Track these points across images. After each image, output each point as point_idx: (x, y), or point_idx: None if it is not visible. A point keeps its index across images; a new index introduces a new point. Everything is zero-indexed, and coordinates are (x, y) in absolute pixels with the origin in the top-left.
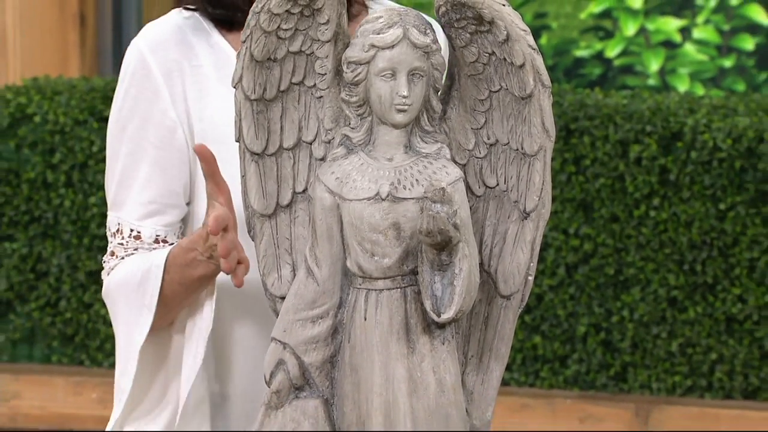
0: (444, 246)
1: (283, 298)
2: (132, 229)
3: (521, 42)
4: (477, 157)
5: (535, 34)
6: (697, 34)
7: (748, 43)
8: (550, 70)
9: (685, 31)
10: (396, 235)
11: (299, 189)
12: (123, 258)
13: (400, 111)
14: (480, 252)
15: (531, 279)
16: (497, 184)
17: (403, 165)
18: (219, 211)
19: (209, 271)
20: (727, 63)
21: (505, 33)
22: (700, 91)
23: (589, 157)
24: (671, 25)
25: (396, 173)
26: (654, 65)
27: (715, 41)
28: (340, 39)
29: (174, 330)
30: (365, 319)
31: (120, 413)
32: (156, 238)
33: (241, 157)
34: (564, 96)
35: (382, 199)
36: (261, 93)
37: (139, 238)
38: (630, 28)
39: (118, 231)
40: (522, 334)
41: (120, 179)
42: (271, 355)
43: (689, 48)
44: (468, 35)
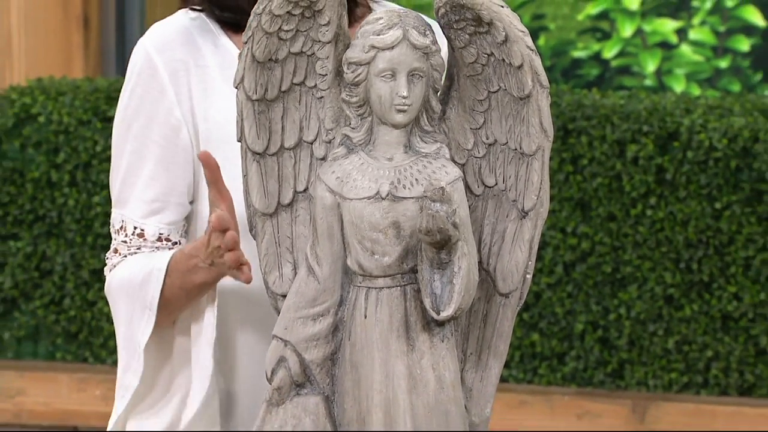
0: (443, 245)
1: (284, 296)
2: (135, 227)
3: (519, 43)
4: (476, 157)
5: (533, 35)
6: (693, 35)
7: (743, 44)
8: (548, 70)
9: (682, 33)
10: (396, 234)
11: (300, 188)
12: (125, 256)
13: (399, 111)
14: (479, 250)
15: (529, 277)
16: (496, 184)
17: (403, 164)
18: (220, 213)
19: (210, 278)
20: (723, 64)
21: (504, 34)
22: (696, 91)
23: (587, 156)
24: (667, 26)
25: (396, 173)
26: (651, 66)
27: (711, 42)
28: (341, 40)
29: (177, 328)
30: (365, 317)
31: (123, 409)
32: (159, 236)
33: (242, 157)
34: (562, 96)
35: (382, 199)
36: (262, 93)
37: (143, 235)
38: (627, 30)
39: (121, 228)
40: (520, 332)
41: (124, 177)
42: (272, 352)
43: (685, 49)
44: (467, 36)
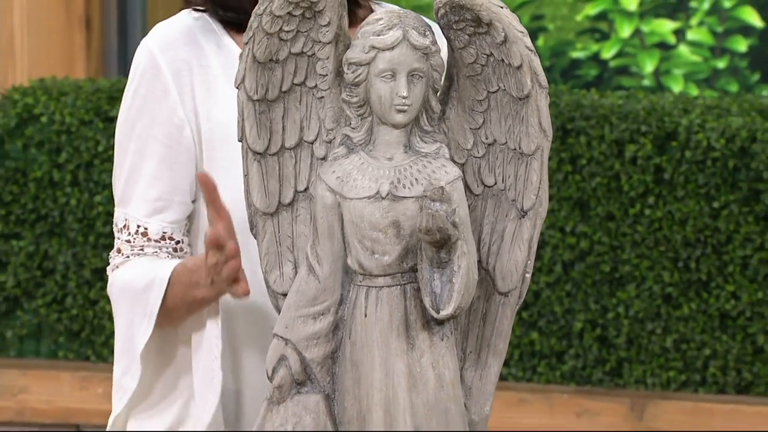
0: (443, 244)
1: (284, 295)
2: (139, 225)
3: (519, 43)
4: (475, 157)
5: (533, 36)
6: (691, 35)
7: (741, 44)
8: (547, 71)
9: (680, 33)
10: (396, 233)
11: (301, 188)
12: (128, 257)
13: (399, 111)
14: (478, 250)
15: (528, 276)
16: (495, 183)
17: (403, 164)
18: (216, 229)
19: (210, 295)
20: (721, 64)
21: (503, 35)
22: (694, 91)
23: (586, 156)
24: (666, 27)
25: (396, 172)
26: (649, 66)
27: (709, 43)
28: (341, 41)
29: (181, 329)
30: (366, 316)
31: (121, 410)
32: (163, 235)
33: (243, 157)
34: (561, 96)
35: (382, 198)
36: (263, 93)
37: (146, 234)
38: (625, 30)
39: (125, 227)
40: (519, 331)
41: (128, 176)
42: (273, 350)
43: (683, 49)
44: (466, 37)
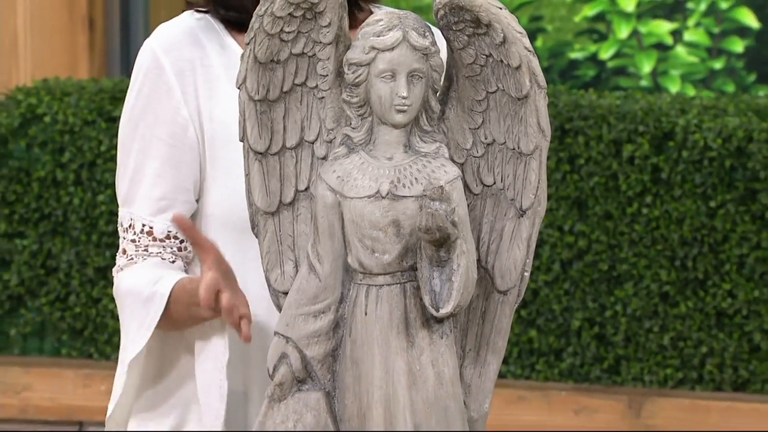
0: (442, 243)
1: (285, 294)
2: (144, 224)
3: (517, 44)
4: (474, 156)
5: (531, 37)
6: (688, 36)
7: (737, 45)
8: (546, 71)
9: (677, 34)
10: (396, 232)
11: (301, 187)
12: (132, 257)
13: (399, 111)
14: (477, 248)
15: (527, 275)
16: (494, 183)
17: (403, 164)
18: (207, 280)
19: (209, 315)
20: (717, 65)
21: (502, 35)
22: (691, 92)
23: (584, 156)
24: (663, 28)
25: (396, 172)
26: (646, 67)
27: (706, 44)
28: (342, 41)
29: (188, 333)
30: (366, 314)
31: (111, 412)
32: (168, 234)
33: (245, 156)
34: (559, 97)
35: (382, 197)
36: (264, 94)
37: (151, 233)
38: (623, 31)
39: (130, 227)
40: (518, 328)
41: (132, 176)
42: (274, 348)
43: (680, 50)
44: (466, 38)
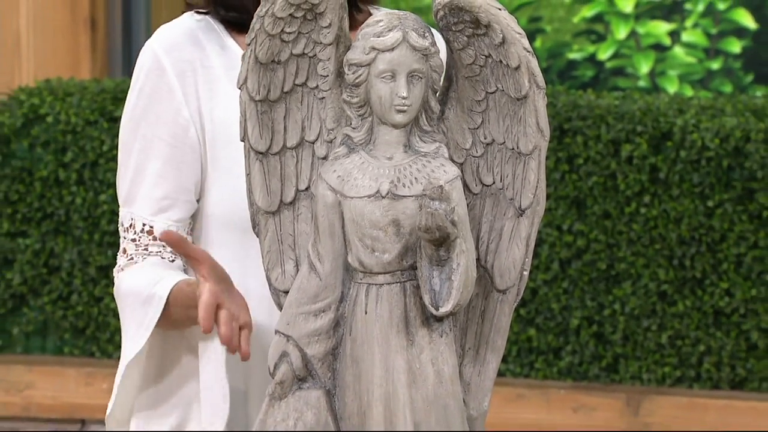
0: (442, 242)
1: (286, 293)
2: (144, 224)
3: (516, 45)
4: (474, 156)
5: (530, 38)
6: (685, 37)
7: (734, 46)
8: (545, 72)
9: (675, 35)
10: (396, 232)
11: (302, 187)
12: (132, 257)
13: (399, 111)
14: (477, 248)
15: (526, 274)
16: (493, 182)
17: (403, 164)
18: (204, 299)
19: None
20: (715, 65)
21: (501, 36)
22: (689, 92)
23: (582, 156)
24: (661, 28)
25: (396, 171)
26: (644, 67)
27: (703, 44)
28: (342, 42)
29: (188, 333)
30: (366, 313)
31: (110, 411)
32: None
33: (245, 156)
34: (558, 97)
35: (382, 197)
36: (265, 94)
37: (152, 233)
38: (621, 32)
39: (130, 226)
40: (517, 327)
41: (133, 176)
42: (274, 347)
43: (678, 51)
44: (465, 38)
